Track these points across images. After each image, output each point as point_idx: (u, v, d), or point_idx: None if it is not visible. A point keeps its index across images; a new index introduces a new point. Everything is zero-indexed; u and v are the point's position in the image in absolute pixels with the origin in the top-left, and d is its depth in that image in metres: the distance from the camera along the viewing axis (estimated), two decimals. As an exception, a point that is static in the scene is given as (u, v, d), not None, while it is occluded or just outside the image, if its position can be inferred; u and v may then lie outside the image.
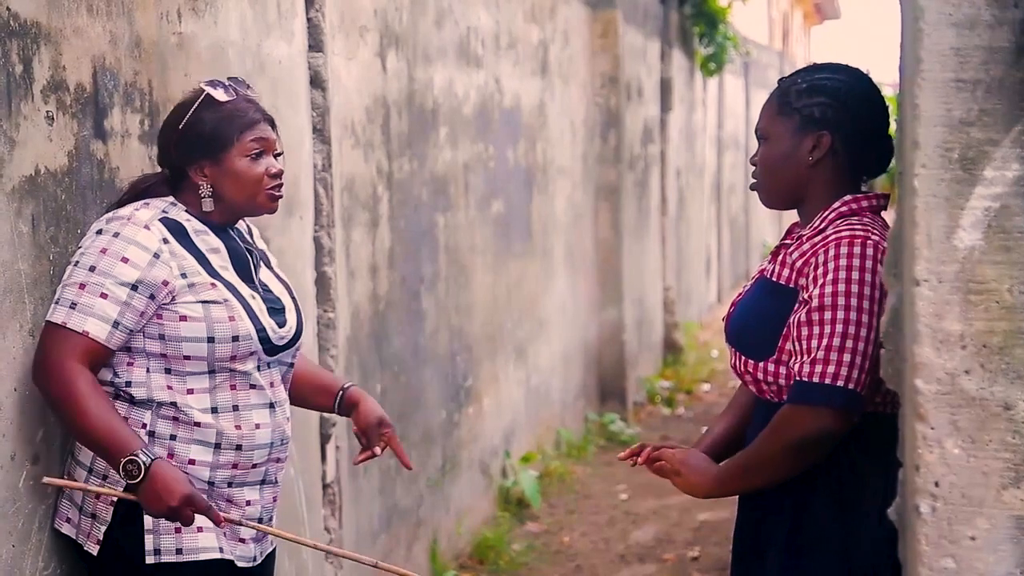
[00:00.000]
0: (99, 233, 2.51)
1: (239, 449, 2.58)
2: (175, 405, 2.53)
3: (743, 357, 2.51)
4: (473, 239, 5.59)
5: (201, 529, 2.53)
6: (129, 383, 2.52)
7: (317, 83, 3.93)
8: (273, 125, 2.68)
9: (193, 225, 2.59)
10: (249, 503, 2.63)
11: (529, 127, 6.42)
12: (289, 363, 2.73)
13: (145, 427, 2.52)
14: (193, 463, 2.54)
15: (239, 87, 2.66)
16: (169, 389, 2.53)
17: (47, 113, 2.49)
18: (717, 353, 10.34)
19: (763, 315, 2.48)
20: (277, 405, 2.66)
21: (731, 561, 2.65)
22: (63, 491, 2.55)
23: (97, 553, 2.53)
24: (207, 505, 2.46)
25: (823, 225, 2.45)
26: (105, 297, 2.45)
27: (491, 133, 5.80)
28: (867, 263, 2.33)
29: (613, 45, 7.87)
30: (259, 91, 2.81)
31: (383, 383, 4.53)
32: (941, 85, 1.71)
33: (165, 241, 2.52)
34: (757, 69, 15.31)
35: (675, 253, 10.22)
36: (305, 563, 3.81)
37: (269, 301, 2.66)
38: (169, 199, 2.61)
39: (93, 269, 2.45)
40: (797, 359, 2.36)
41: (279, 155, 2.69)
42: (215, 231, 2.63)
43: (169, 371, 2.53)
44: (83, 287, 2.45)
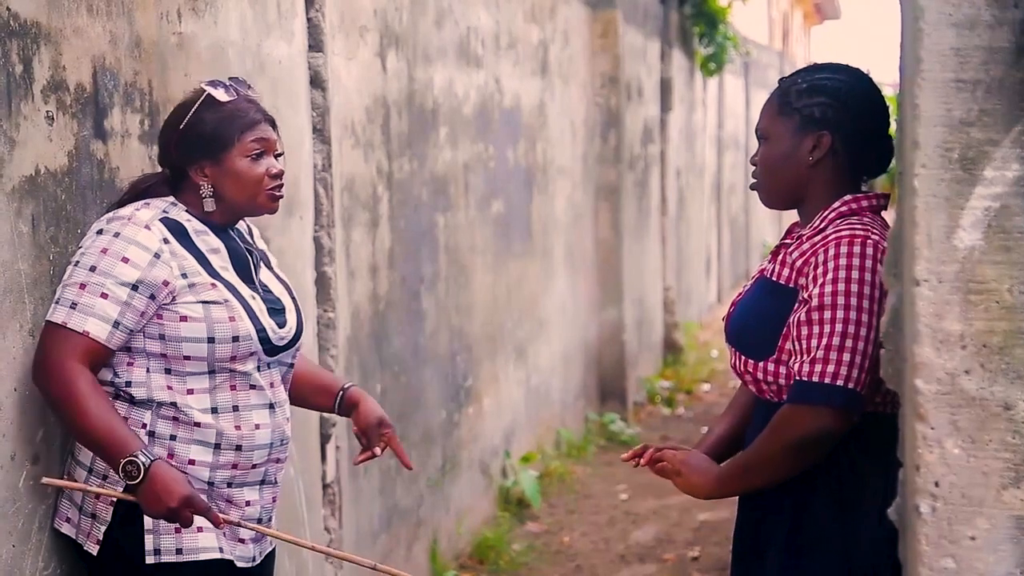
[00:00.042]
0: (99, 233, 2.51)
1: (239, 449, 2.58)
2: (175, 405, 2.53)
3: (743, 357, 2.51)
4: (473, 239, 5.58)
5: (201, 529, 2.53)
6: (129, 383, 2.52)
7: (317, 83, 3.93)
8: (274, 125, 2.68)
9: (193, 225, 2.59)
10: (249, 503, 2.63)
11: (529, 127, 6.42)
12: (289, 363, 2.73)
13: (145, 427, 2.52)
14: (193, 463, 2.54)
15: (240, 87, 2.66)
16: (169, 389, 2.53)
17: (47, 113, 2.49)
18: (717, 353, 10.34)
19: (763, 315, 2.48)
20: (277, 405, 2.66)
21: (731, 561, 2.65)
22: (63, 491, 2.55)
23: (97, 553, 2.53)
24: (206, 506, 2.46)
25: (823, 225, 2.45)
26: (105, 297, 2.44)
27: (491, 133, 5.80)
28: (867, 263, 2.33)
29: (613, 45, 7.87)
30: (259, 91, 2.81)
31: (383, 383, 4.53)
32: (941, 85, 1.72)
33: (165, 241, 2.52)
34: (757, 69, 15.31)
35: (675, 253, 10.22)
36: (305, 563, 3.81)
37: (269, 301, 2.66)
38: (169, 199, 2.61)
39: (94, 269, 2.45)
40: (797, 359, 2.36)
41: (280, 155, 2.69)
42: (215, 231, 2.62)
43: (169, 371, 2.53)
44: (83, 287, 2.44)
